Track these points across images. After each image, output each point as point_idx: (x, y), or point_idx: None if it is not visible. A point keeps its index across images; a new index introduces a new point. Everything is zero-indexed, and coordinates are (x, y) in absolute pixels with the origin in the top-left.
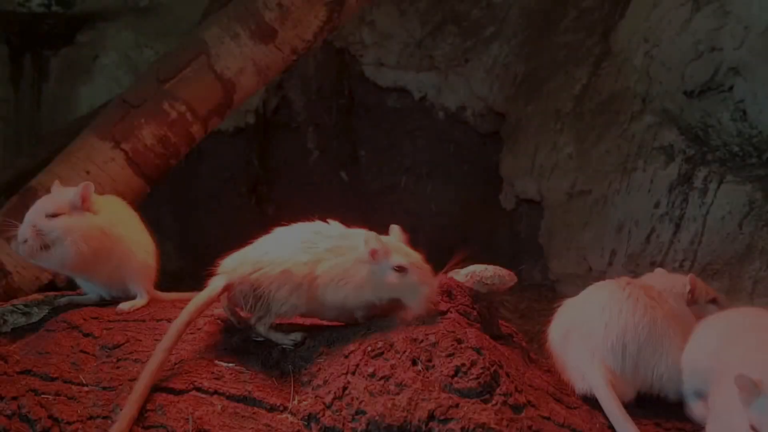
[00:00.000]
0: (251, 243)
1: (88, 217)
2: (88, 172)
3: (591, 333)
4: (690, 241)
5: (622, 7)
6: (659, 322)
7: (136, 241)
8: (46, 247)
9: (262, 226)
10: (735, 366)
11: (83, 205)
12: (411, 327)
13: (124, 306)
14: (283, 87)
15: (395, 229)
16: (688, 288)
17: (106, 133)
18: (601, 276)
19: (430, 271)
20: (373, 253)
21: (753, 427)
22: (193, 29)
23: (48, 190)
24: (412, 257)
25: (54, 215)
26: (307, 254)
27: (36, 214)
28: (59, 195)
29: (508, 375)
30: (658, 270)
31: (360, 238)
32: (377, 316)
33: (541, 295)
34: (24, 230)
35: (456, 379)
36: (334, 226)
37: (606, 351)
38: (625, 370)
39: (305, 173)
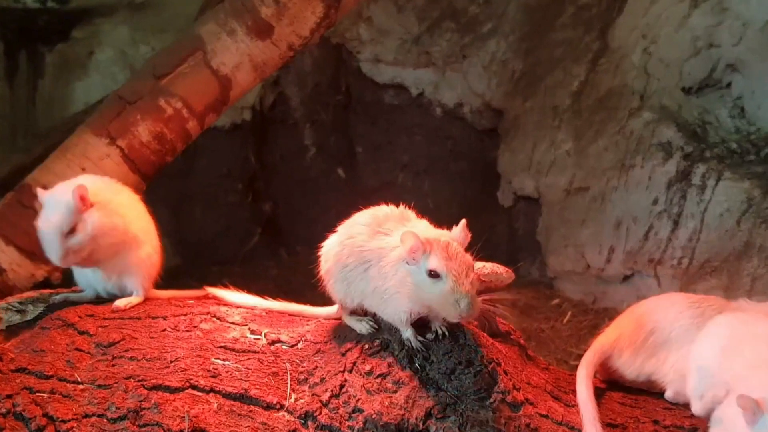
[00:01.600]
0: None
1: (98, 213)
2: (83, 169)
3: (632, 313)
4: (688, 238)
5: (620, 4)
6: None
7: (141, 229)
8: (89, 255)
9: (259, 222)
10: (736, 381)
11: (85, 206)
12: None
13: (119, 303)
14: (279, 83)
15: (461, 225)
16: None
17: (102, 130)
18: (599, 273)
19: (474, 281)
20: (411, 252)
21: None
22: (189, 25)
23: (44, 187)
24: (456, 261)
25: (71, 232)
26: (353, 256)
27: (57, 240)
28: (60, 206)
29: (506, 373)
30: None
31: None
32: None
33: (539, 292)
34: (63, 259)
35: (453, 376)
36: (395, 217)
37: (630, 330)
38: (639, 352)
39: (302, 170)
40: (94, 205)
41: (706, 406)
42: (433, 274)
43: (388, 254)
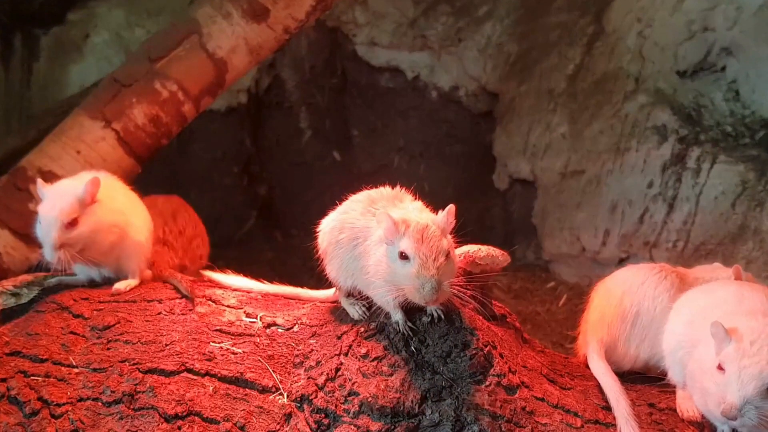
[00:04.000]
0: None
1: (101, 209)
2: (78, 152)
3: (609, 297)
4: (683, 221)
5: None
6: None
7: (138, 216)
8: (81, 251)
9: (254, 205)
10: (702, 336)
11: (92, 200)
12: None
13: (119, 286)
14: (275, 66)
15: (446, 210)
16: (732, 279)
17: (97, 113)
18: (595, 256)
19: (442, 266)
20: (386, 233)
21: (720, 366)
22: (184, 8)
23: (39, 170)
24: (427, 245)
25: (73, 223)
26: (345, 232)
27: (56, 228)
28: (67, 196)
29: (501, 356)
30: (716, 264)
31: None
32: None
33: (535, 275)
34: (56, 249)
35: (449, 360)
36: (388, 197)
37: (615, 317)
38: (631, 339)
39: (298, 153)
40: (98, 202)
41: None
42: (403, 256)
43: (373, 233)
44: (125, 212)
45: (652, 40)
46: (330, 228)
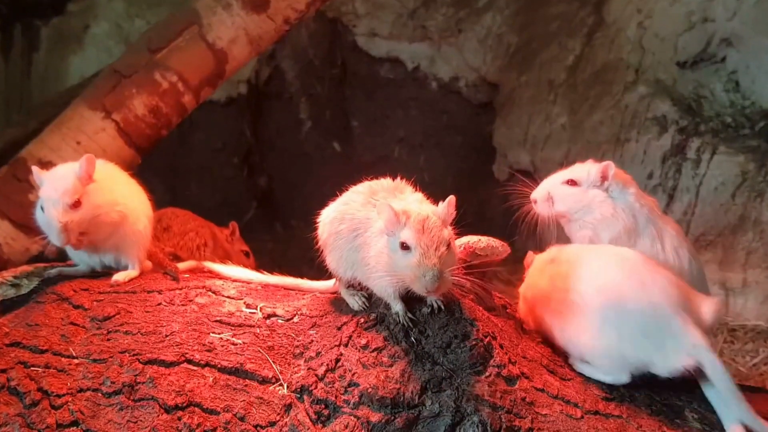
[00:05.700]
0: None
1: (100, 190)
2: (78, 143)
3: None
4: (683, 212)
5: None
6: None
7: (138, 204)
8: (84, 234)
9: (254, 196)
10: None
11: (90, 179)
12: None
13: (119, 277)
14: (275, 57)
15: (446, 202)
16: None
17: (97, 104)
18: None
19: (443, 256)
20: (387, 224)
21: None
22: None
23: (39, 161)
24: (428, 235)
25: (76, 204)
26: (345, 223)
27: (61, 209)
28: (67, 178)
29: (501, 346)
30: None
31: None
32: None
33: None
34: (63, 232)
35: (449, 350)
36: (388, 188)
37: None
38: None
39: (298, 143)
40: (96, 182)
41: None
42: (405, 246)
43: (373, 225)
44: (124, 197)
45: (652, 31)
46: (330, 219)
